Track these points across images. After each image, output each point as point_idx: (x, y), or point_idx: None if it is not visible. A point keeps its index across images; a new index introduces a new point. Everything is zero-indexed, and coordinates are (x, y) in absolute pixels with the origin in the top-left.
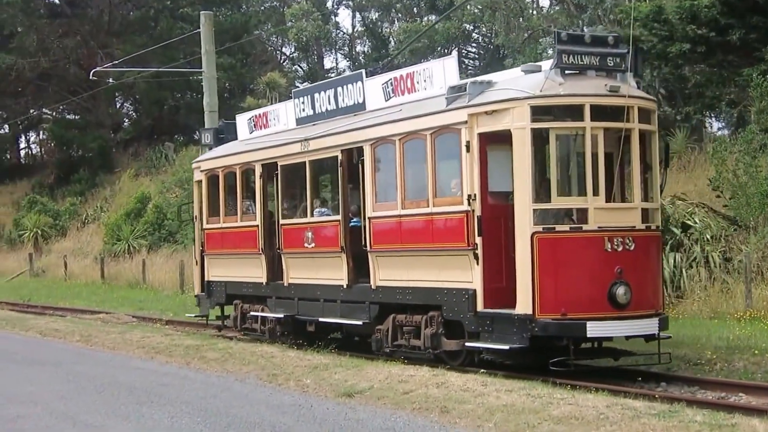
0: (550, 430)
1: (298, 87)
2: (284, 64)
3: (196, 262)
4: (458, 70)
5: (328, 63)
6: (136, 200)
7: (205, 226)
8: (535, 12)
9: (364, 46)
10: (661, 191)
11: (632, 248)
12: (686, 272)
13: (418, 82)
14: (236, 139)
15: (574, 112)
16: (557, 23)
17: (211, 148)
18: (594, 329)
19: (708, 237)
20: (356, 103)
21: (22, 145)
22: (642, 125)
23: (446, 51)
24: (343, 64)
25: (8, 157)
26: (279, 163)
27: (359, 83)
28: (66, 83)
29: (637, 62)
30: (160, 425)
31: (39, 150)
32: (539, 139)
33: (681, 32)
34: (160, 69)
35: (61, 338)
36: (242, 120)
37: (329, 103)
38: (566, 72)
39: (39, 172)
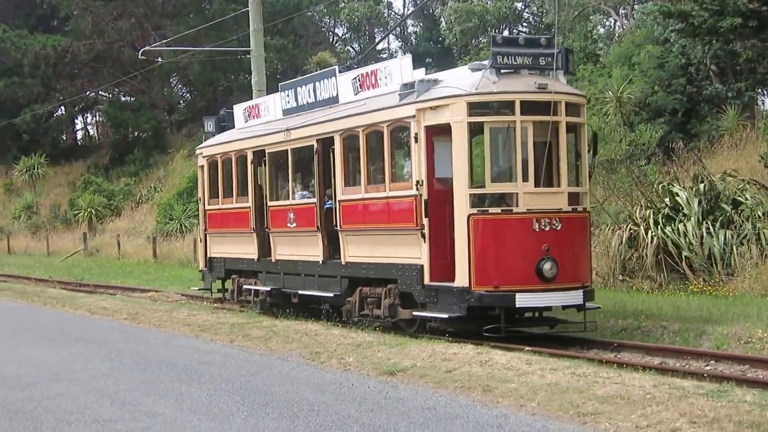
0: (594, 410)
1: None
2: (336, 44)
3: (201, 240)
4: (412, 68)
5: (379, 44)
6: (189, 180)
7: (207, 207)
8: None
9: (416, 27)
10: (590, 177)
11: (559, 228)
12: (737, 250)
13: (380, 79)
14: (234, 127)
15: (506, 107)
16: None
17: (214, 135)
18: (522, 300)
19: (759, 214)
20: (331, 96)
21: (78, 126)
22: (570, 118)
23: (497, 30)
24: (395, 44)
25: (64, 138)
26: (267, 151)
27: (333, 78)
28: (120, 65)
29: (567, 61)
30: (198, 403)
31: (94, 131)
32: (475, 131)
33: (732, 6)
34: (210, 48)
35: (109, 316)
36: (239, 110)
37: (309, 96)
38: (501, 71)
39: (94, 153)
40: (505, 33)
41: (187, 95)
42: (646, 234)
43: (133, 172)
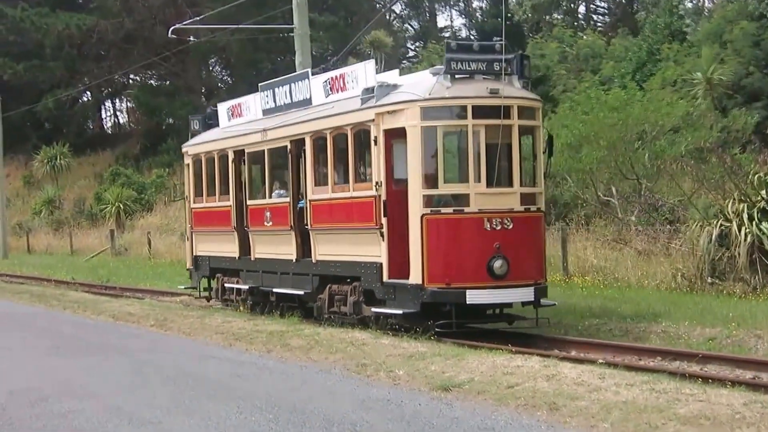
0: None
1: (405, 47)
2: (393, 22)
3: (187, 238)
4: (375, 72)
5: (441, 21)
6: None
7: (192, 205)
8: None
9: (482, 2)
10: (545, 178)
11: (510, 227)
12: None
13: (348, 82)
14: (219, 126)
15: (458, 111)
16: None
17: (201, 134)
18: (473, 297)
19: None
20: (305, 98)
21: (105, 113)
22: (523, 121)
23: (572, 5)
24: (459, 21)
25: (90, 126)
26: (246, 150)
27: (307, 81)
28: (152, 46)
29: (522, 66)
30: (225, 422)
31: (123, 118)
32: (429, 134)
33: None
34: (250, 27)
35: (135, 323)
36: (223, 109)
37: (286, 98)
38: (456, 77)
39: (123, 143)
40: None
41: (227, 78)
42: (740, 231)
43: (167, 163)
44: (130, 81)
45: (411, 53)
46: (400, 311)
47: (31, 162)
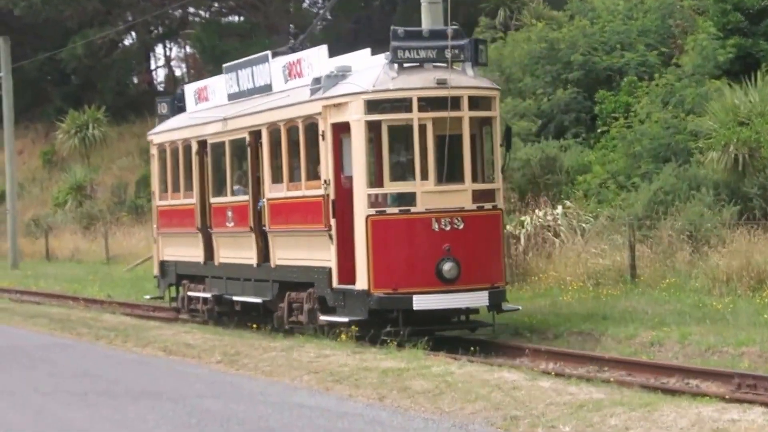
0: None
1: None
2: None
3: (154, 240)
4: (327, 58)
5: None
6: None
7: (157, 202)
8: None
9: None
10: (503, 172)
11: (461, 227)
12: None
13: (304, 68)
14: (186, 111)
15: (403, 104)
16: None
17: (169, 119)
18: (420, 302)
19: None
20: (265, 84)
21: (155, 63)
22: (476, 112)
23: None
24: None
25: (134, 81)
26: (208, 141)
27: (267, 64)
28: None
29: (477, 52)
30: None
31: (180, 69)
32: (373, 129)
33: None
34: None
35: (194, 358)
36: (189, 91)
37: (249, 82)
38: (405, 65)
39: None
40: None
41: (326, 14)
42: None
43: None
44: (189, 17)
45: None
46: (345, 319)
47: (53, 133)
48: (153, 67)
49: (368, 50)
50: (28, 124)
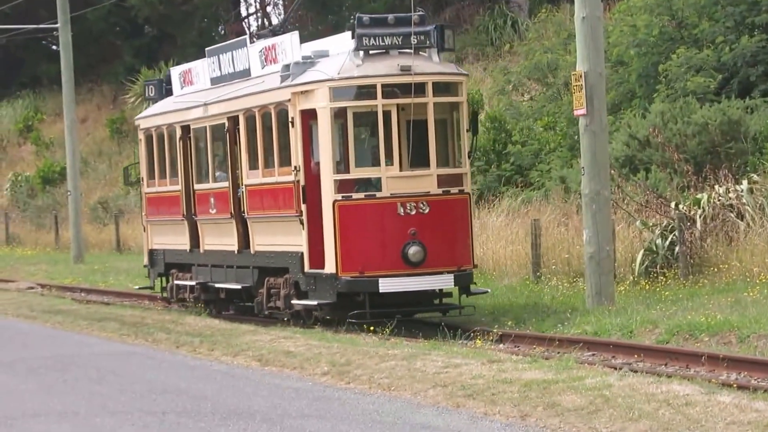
0: None
1: None
2: None
3: (144, 228)
4: (299, 45)
5: None
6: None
7: (145, 189)
8: None
9: None
10: (470, 157)
11: (427, 211)
12: None
13: (279, 54)
14: (173, 94)
15: (368, 91)
16: None
17: (157, 102)
18: (386, 285)
19: None
20: (244, 68)
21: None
22: (441, 98)
23: None
24: None
25: (221, 32)
26: (191, 126)
27: (245, 49)
28: None
29: (443, 38)
30: None
31: (278, 14)
32: (339, 116)
33: None
34: None
35: (295, 368)
36: (175, 74)
37: (229, 66)
38: (370, 53)
39: None
40: None
41: None
42: None
43: None
44: None
45: None
46: (315, 302)
47: (123, 96)
48: (244, 14)
49: (348, 34)
50: (92, 87)
